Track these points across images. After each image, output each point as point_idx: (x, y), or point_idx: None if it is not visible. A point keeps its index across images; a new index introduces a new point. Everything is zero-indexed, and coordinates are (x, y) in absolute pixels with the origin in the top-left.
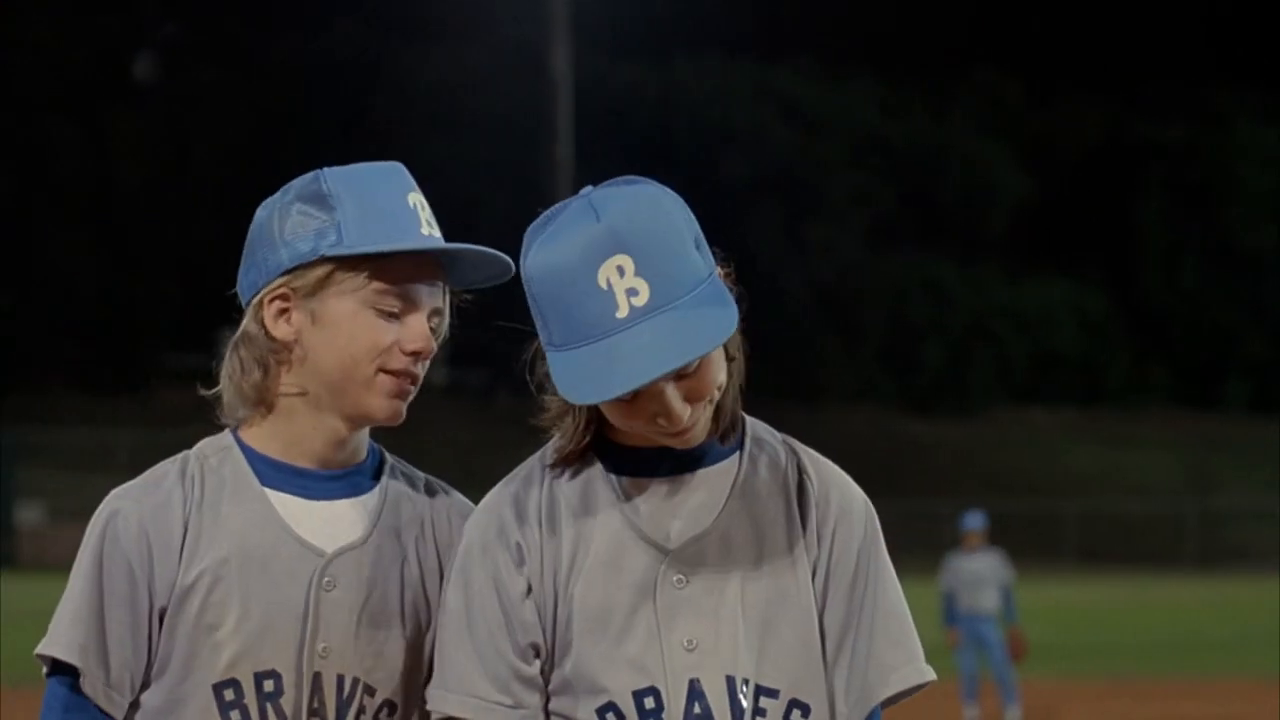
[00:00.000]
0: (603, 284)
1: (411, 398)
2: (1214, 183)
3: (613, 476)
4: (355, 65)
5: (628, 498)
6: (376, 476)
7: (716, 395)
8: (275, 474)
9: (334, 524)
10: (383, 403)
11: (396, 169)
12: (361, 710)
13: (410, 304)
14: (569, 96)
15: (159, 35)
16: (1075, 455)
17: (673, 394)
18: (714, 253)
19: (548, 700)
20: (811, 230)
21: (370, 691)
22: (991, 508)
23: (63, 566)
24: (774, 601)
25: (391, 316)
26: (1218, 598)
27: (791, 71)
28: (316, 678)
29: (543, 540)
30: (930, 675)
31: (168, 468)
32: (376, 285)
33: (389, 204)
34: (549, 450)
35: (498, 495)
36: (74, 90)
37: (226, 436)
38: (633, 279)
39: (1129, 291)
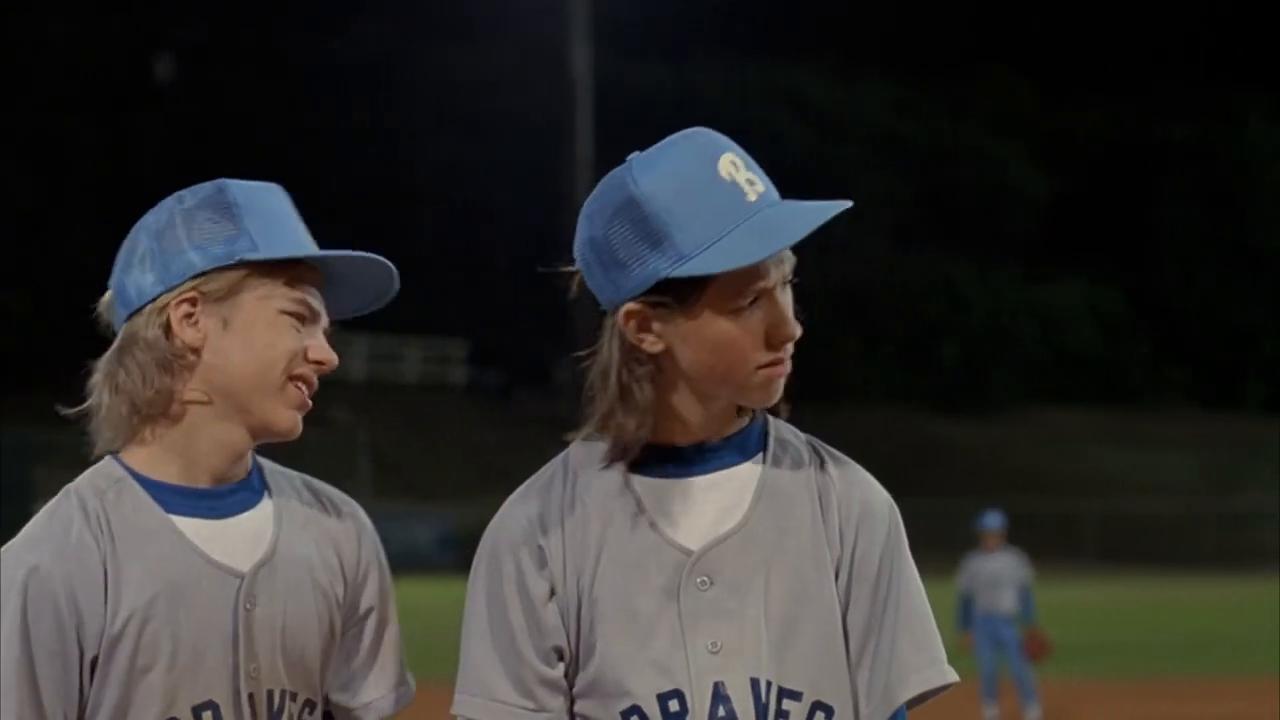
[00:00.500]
0: (725, 176)
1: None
2: (1232, 182)
3: (636, 478)
4: (375, 66)
5: (651, 499)
6: (261, 484)
7: (799, 334)
8: (177, 499)
9: (241, 541)
10: (287, 414)
11: (280, 189)
12: (289, 717)
13: (314, 314)
14: (588, 96)
15: (180, 36)
16: (1094, 455)
17: (783, 300)
18: None
19: (572, 703)
20: (829, 231)
21: (294, 697)
22: (1011, 508)
23: None
24: (798, 603)
25: (299, 325)
26: (1237, 597)
27: (809, 72)
28: (250, 699)
29: (565, 542)
30: (953, 677)
31: (68, 512)
32: (289, 293)
33: (286, 217)
34: (574, 452)
35: (521, 497)
36: (95, 91)
37: (115, 466)
38: (747, 172)
39: (1148, 291)
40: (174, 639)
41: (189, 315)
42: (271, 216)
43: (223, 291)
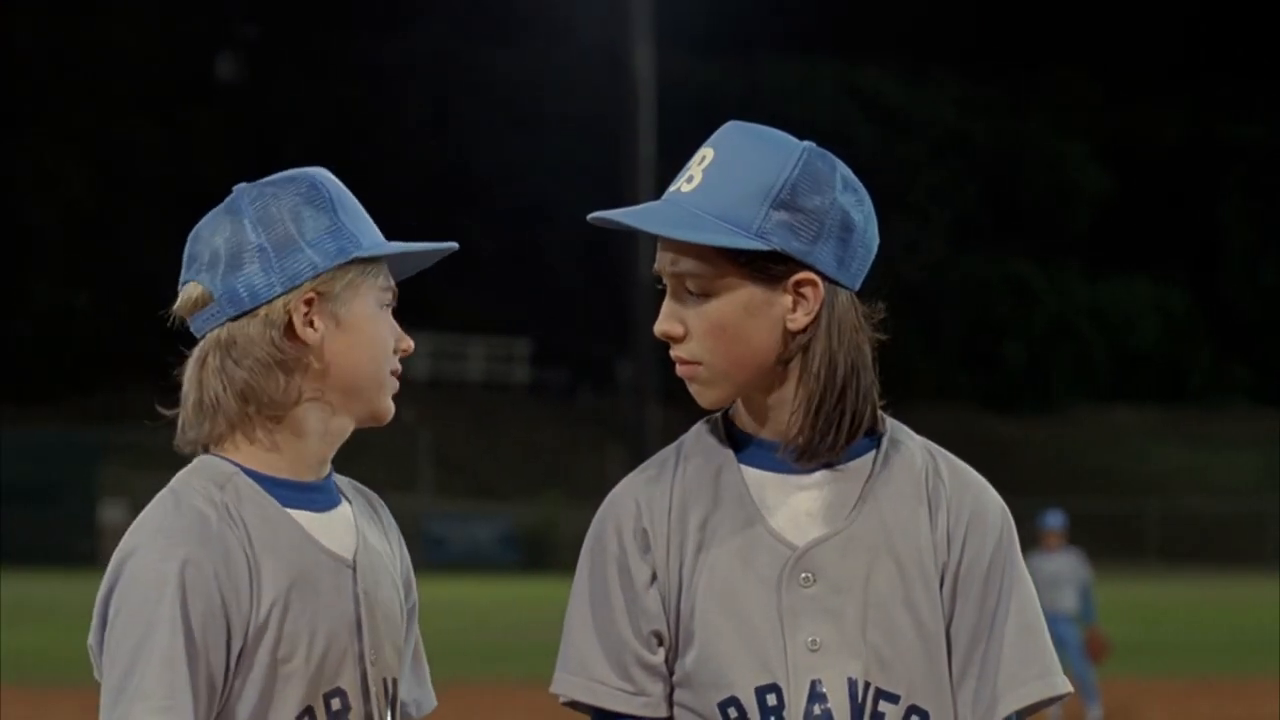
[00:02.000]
0: (693, 164)
1: None
2: None
3: (746, 469)
4: (436, 66)
5: (759, 492)
6: (333, 482)
7: (721, 348)
8: (288, 493)
9: (340, 534)
10: (389, 403)
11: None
12: (394, 708)
13: (395, 304)
14: (650, 95)
15: (241, 36)
16: (1157, 454)
17: (671, 303)
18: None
19: (672, 691)
20: (893, 228)
21: (396, 687)
22: (1073, 507)
23: None
24: (900, 606)
25: (389, 314)
26: None
27: (873, 70)
28: (372, 685)
29: (670, 529)
30: (1066, 688)
31: (194, 505)
32: (387, 284)
33: (358, 205)
34: (690, 437)
35: (630, 482)
36: (157, 91)
37: (221, 463)
38: (698, 168)
39: (1210, 289)
40: (310, 628)
41: (305, 315)
42: (354, 208)
43: (339, 292)
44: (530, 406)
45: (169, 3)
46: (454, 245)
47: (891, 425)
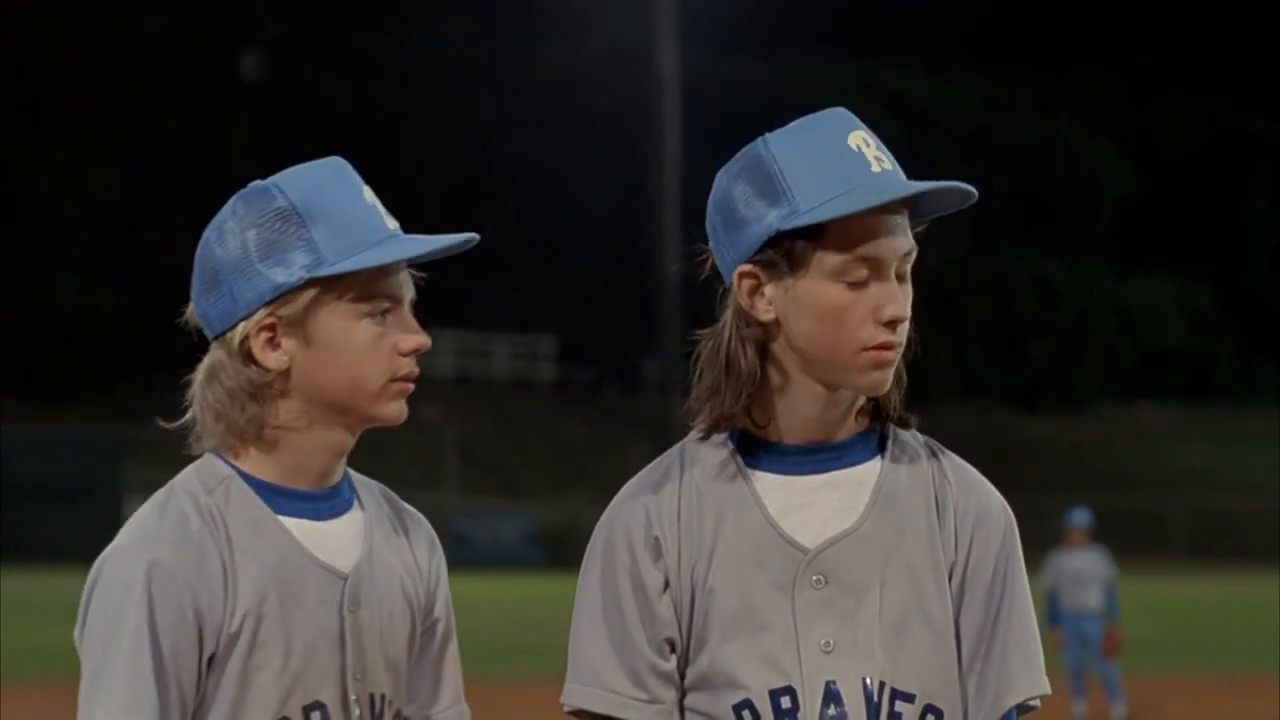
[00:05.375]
0: (853, 146)
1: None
2: None
3: (754, 473)
4: (462, 63)
5: (769, 496)
6: (351, 491)
7: (907, 318)
8: (281, 499)
9: (340, 543)
10: (389, 408)
11: (341, 165)
12: None
13: (396, 302)
14: (675, 93)
15: (267, 34)
16: (1182, 451)
17: (896, 287)
18: None
19: (683, 696)
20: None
21: (389, 704)
22: (1099, 504)
23: None
24: (911, 605)
25: (381, 318)
26: None
27: (899, 67)
28: (355, 702)
29: (681, 534)
30: (1049, 688)
31: (180, 507)
32: (363, 293)
33: (351, 207)
34: (691, 443)
35: (636, 487)
36: (183, 89)
37: (220, 464)
38: (876, 150)
39: (1236, 287)
40: (287, 638)
41: (270, 340)
42: (338, 216)
43: (299, 313)
44: (555, 404)
45: (195, 1)
46: (469, 236)
47: (897, 427)
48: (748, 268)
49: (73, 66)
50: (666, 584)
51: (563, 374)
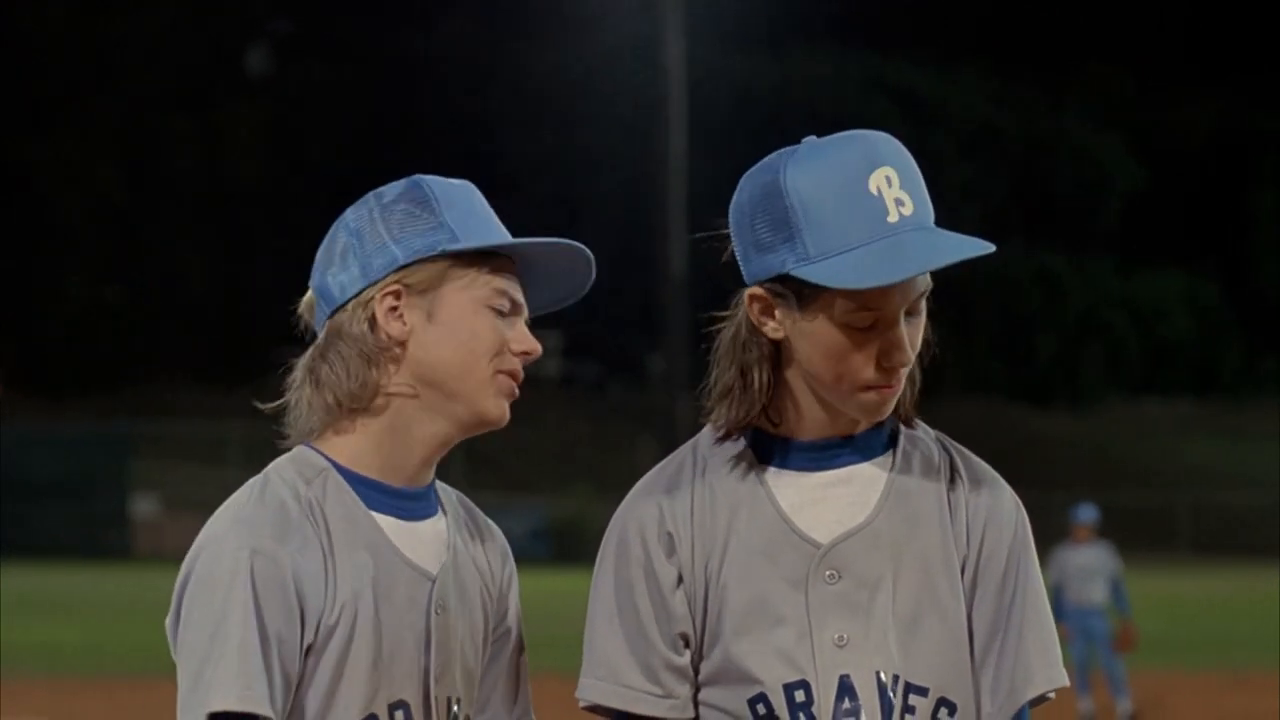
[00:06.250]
0: (873, 190)
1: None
2: None
3: (767, 469)
4: (467, 59)
5: (781, 491)
6: (435, 496)
7: (911, 362)
8: (376, 495)
9: (427, 545)
10: (496, 403)
11: (473, 187)
12: None
13: (516, 305)
14: (682, 89)
15: (272, 30)
16: (1188, 447)
17: (904, 329)
18: None
19: (697, 690)
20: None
21: (462, 709)
22: (1104, 500)
23: (177, 558)
24: (924, 599)
25: (501, 316)
26: None
27: (905, 64)
28: (435, 703)
29: (695, 530)
30: (1066, 680)
31: (279, 496)
32: (492, 283)
33: (481, 208)
34: (704, 439)
35: (650, 483)
36: (187, 85)
37: (316, 456)
38: (899, 190)
39: (1243, 283)
40: (378, 634)
41: (394, 308)
42: (469, 209)
43: (426, 283)
44: (561, 400)
45: None
46: (572, 244)
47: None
48: (758, 291)
49: (76, 64)
50: (680, 579)
51: (568, 370)
